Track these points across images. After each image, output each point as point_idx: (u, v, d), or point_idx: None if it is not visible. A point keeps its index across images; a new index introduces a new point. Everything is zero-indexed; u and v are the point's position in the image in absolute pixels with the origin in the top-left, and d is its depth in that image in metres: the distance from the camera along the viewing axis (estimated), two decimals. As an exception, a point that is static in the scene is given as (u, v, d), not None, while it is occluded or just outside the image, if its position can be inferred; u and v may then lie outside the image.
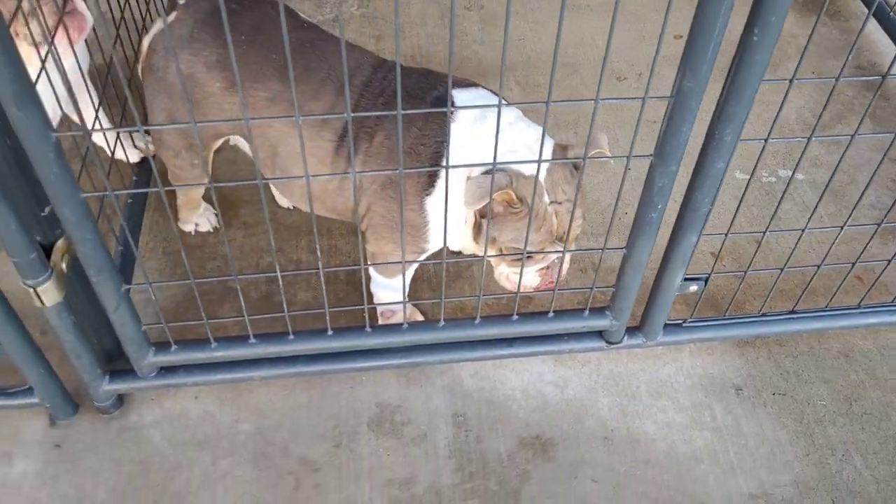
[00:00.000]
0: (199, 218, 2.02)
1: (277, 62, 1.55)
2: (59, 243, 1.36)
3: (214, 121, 1.60)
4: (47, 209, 1.33)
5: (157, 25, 1.64)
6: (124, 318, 1.44)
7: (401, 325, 1.61)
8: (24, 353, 1.45)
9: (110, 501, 1.54)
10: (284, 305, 1.48)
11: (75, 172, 1.20)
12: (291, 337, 1.57)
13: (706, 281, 1.61)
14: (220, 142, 1.74)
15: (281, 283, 1.41)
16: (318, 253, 1.35)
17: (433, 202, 1.54)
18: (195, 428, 1.65)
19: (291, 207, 2.10)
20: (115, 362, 1.64)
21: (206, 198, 2.01)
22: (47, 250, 1.34)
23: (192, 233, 2.03)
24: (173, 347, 1.55)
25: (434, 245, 1.63)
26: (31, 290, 1.32)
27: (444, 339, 1.63)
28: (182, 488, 1.56)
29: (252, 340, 1.56)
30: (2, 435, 1.62)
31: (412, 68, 1.63)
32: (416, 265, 1.74)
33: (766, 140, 1.31)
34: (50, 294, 1.34)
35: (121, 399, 1.67)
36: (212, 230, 2.04)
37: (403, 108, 1.54)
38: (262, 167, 1.67)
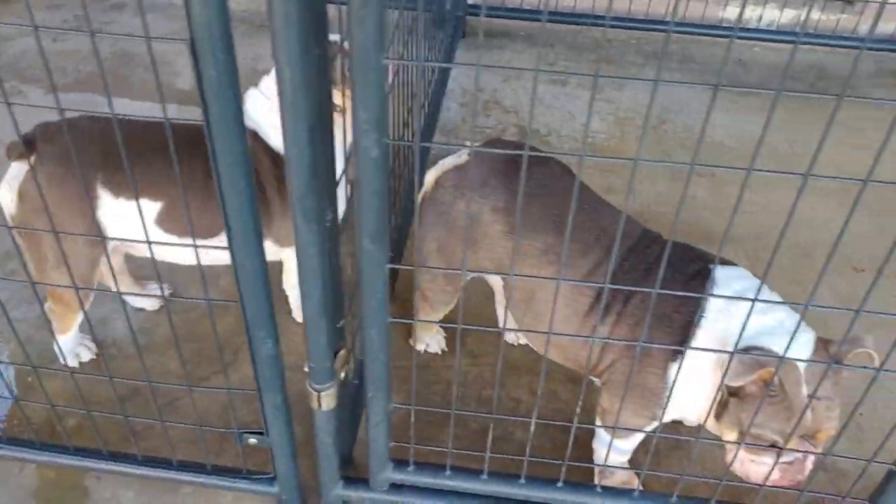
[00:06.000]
0: (430, 339, 2.13)
1: (555, 217, 1.65)
2: (342, 354, 1.48)
3: (479, 271, 1.71)
4: (341, 322, 1.46)
5: (448, 163, 1.80)
6: (380, 433, 1.52)
7: (632, 490, 1.59)
8: (284, 447, 1.56)
9: None
10: (528, 450, 1.51)
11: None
12: (522, 480, 1.59)
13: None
14: (473, 276, 1.85)
15: (533, 426, 1.45)
16: (578, 405, 1.38)
17: (677, 370, 1.54)
18: (409, 550, 1.68)
19: (516, 343, 2.16)
20: (345, 468, 1.72)
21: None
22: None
23: (423, 352, 2.13)
24: (411, 467, 1.61)
25: (669, 415, 1.61)
26: (316, 393, 1.43)
27: (673, 516, 1.59)
28: None
29: (485, 476, 1.59)
30: (235, 516, 1.73)
31: (675, 242, 1.67)
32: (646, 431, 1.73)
33: None
34: (329, 400, 1.45)
35: (344, 504, 1.74)
36: (440, 352, 2.14)
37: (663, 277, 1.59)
38: (512, 307, 1.76)
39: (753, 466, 1.53)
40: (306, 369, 1.44)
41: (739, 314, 1.49)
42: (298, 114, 1.04)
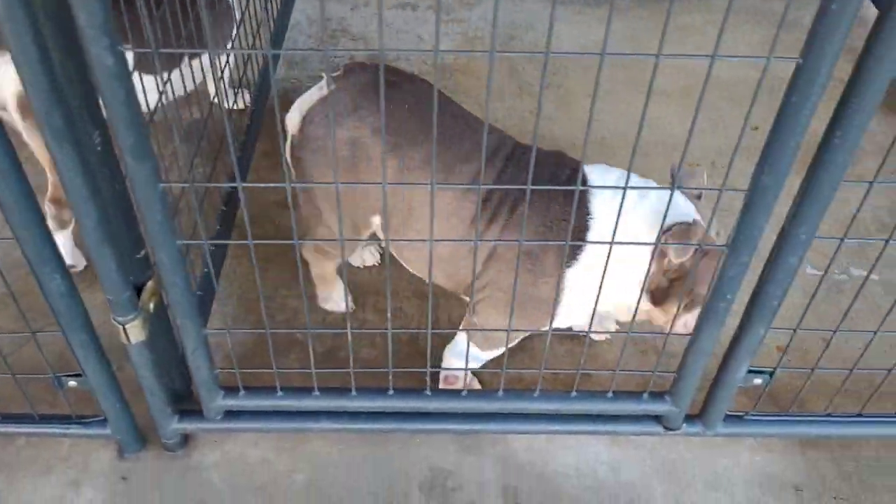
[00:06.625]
0: (339, 296, 2.03)
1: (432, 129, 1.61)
2: (149, 285, 1.45)
3: (302, 184, 1.69)
4: (142, 252, 1.42)
5: (310, 97, 1.69)
6: (200, 361, 1.50)
7: (460, 391, 1.64)
8: (104, 386, 1.53)
9: (165, 538, 1.58)
10: (351, 362, 1.53)
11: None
12: (354, 393, 1.61)
13: (771, 375, 1.59)
14: (374, 218, 1.73)
15: (350, 339, 1.46)
16: (427, 317, 1.40)
17: (574, 274, 1.57)
18: (252, 474, 1.69)
19: (361, 266, 2.17)
20: (183, 402, 1.70)
21: (340, 273, 2.03)
22: (137, 291, 1.43)
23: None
24: (241, 392, 1.60)
25: (560, 321, 1.63)
26: (121, 326, 1.40)
27: (501, 409, 1.65)
28: (234, 533, 1.59)
29: (316, 393, 1.60)
30: (72, 463, 1.70)
31: (547, 150, 1.71)
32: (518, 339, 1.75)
33: (841, 239, 1.32)
34: (136, 332, 1.42)
35: (185, 439, 1.73)
36: (350, 311, 2.05)
37: (541, 185, 1.59)
38: (391, 233, 1.68)
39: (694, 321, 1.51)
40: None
41: (626, 206, 1.44)
42: (16, 16, 0.98)
